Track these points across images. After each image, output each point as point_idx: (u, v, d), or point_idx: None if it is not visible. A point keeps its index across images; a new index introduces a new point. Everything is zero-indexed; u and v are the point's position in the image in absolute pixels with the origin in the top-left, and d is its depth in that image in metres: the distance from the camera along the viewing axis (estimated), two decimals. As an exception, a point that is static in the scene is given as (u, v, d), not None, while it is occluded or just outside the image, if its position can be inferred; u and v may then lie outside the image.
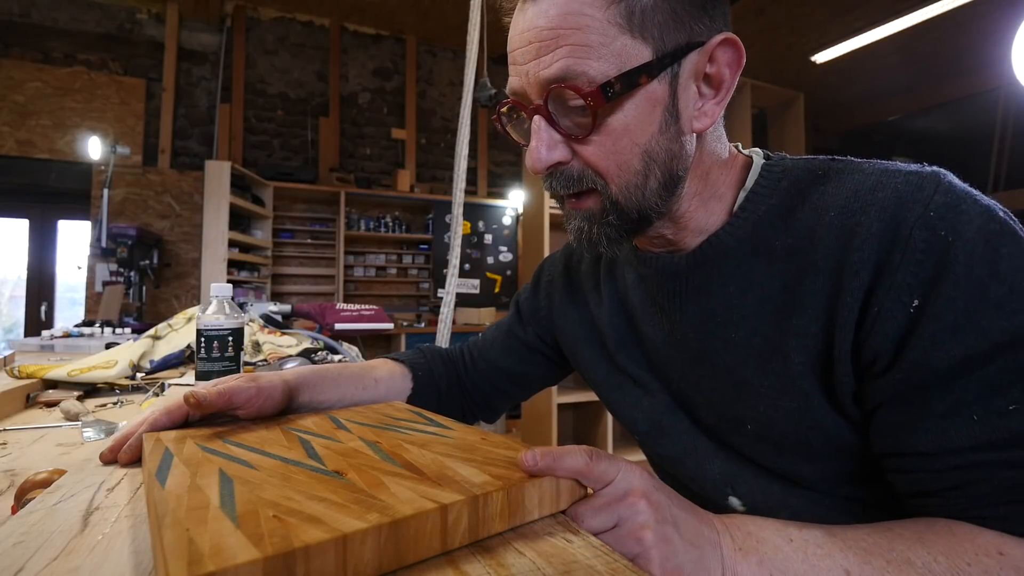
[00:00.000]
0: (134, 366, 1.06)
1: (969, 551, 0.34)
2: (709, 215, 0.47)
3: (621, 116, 0.41)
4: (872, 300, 0.37)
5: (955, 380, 0.35)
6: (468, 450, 0.41)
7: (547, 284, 0.70)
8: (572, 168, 0.44)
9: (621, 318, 0.58)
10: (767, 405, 0.44)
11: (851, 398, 0.41)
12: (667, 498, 0.37)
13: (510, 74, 0.45)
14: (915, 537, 0.35)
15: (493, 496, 0.32)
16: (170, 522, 0.27)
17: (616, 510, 0.35)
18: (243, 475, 0.34)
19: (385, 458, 0.38)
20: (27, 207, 3.85)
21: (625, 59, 0.40)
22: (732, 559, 0.36)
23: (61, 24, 3.83)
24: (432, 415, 0.54)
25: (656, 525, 0.34)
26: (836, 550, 0.35)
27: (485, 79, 2.68)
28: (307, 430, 0.47)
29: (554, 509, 0.35)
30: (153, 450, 0.41)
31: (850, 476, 0.44)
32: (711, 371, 0.48)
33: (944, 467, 0.36)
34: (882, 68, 5.02)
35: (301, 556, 0.24)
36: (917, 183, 0.38)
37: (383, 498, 0.30)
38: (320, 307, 1.77)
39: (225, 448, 0.41)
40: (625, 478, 0.36)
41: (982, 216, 0.36)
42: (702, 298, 0.48)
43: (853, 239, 0.39)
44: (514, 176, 5.27)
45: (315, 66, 4.57)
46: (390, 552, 0.27)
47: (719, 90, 0.44)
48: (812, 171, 0.45)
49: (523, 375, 0.73)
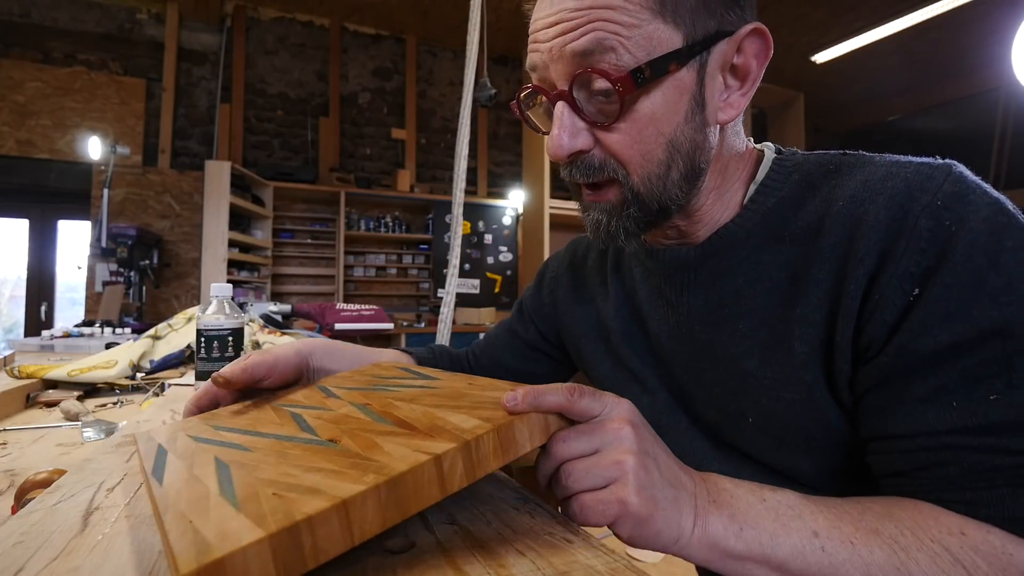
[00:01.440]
0: (134, 366, 1.06)
1: (933, 528, 0.34)
2: (723, 208, 0.47)
3: (648, 104, 0.40)
4: (874, 288, 0.37)
5: (939, 366, 0.35)
6: (456, 397, 0.41)
7: (551, 281, 0.70)
8: (594, 156, 0.43)
9: (627, 312, 0.58)
10: (769, 397, 0.44)
11: (848, 387, 0.41)
12: (651, 435, 0.37)
13: (530, 51, 0.43)
14: (883, 511, 0.36)
15: (484, 438, 0.32)
16: (172, 516, 0.27)
17: (599, 434, 0.35)
18: (239, 459, 0.34)
19: (377, 419, 0.38)
20: (27, 207, 3.85)
21: (656, 44, 0.39)
22: (705, 509, 0.36)
23: (61, 24, 3.83)
24: (419, 368, 0.54)
25: (638, 452, 0.34)
26: (807, 512, 0.36)
27: (485, 79, 2.69)
28: (297, 404, 0.47)
29: (544, 439, 0.36)
30: (147, 450, 0.40)
31: (848, 472, 0.44)
32: (715, 363, 0.48)
33: (916, 448, 0.36)
34: (882, 68, 5.02)
35: (305, 527, 0.24)
36: (928, 173, 0.37)
37: (378, 458, 0.30)
38: (320, 307, 1.77)
39: (217, 435, 0.41)
40: (612, 409, 0.36)
41: (990, 207, 0.35)
42: (711, 289, 0.48)
43: (860, 227, 0.38)
44: (514, 176, 5.27)
45: (315, 66, 4.57)
46: (392, 507, 0.28)
47: (745, 81, 0.43)
48: (823, 164, 0.45)
49: (526, 373, 0.74)
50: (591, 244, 0.67)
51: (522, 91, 0.46)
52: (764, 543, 0.35)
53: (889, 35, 4.29)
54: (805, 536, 0.35)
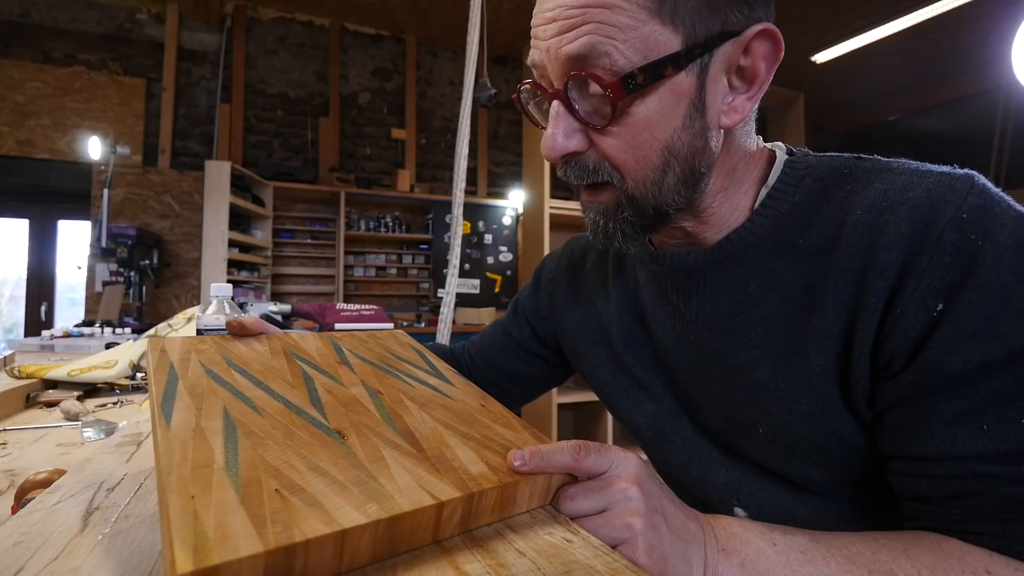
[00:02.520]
0: (134, 366, 1.06)
1: (955, 568, 0.33)
2: (733, 210, 0.46)
3: (643, 109, 0.39)
4: (895, 302, 0.36)
5: (968, 386, 0.34)
6: (468, 421, 0.41)
7: (548, 282, 0.69)
8: (588, 158, 0.42)
9: (630, 317, 0.57)
10: (781, 408, 0.43)
11: (865, 401, 0.40)
12: (658, 488, 0.37)
13: (532, 47, 0.43)
14: (901, 549, 0.35)
15: (488, 493, 0.32)
16: (176, 482, 0.27)
17: (607, 494, 0.35)
18: (247, 420, 0.34)
19: (386, 419, 0.39)
20: (27, 207, 3.85)
21: (652, 47, 0.37)
22: (714, 558, 0.36)
23: (61, 24, 3.83)
24: (433, 358, 0.54)
25: (646, 512, 0.34)
26: (819, 556, 0.35)
27: (485, 79, 2.68)
28: (311, 360, 0.47)
29: (543, 502, 0.36)
30: (159, 364, 0.40)
31: (860, 482, 0.43)
32: (723, 372, 0.47)
33: (945, 474, 0.35)
34: (882, 68, 5.02)
35: (302, 549, 0.25)
36: (950, 184, 0.36)
37: (383, 482, 0.31)
38: (320, 307, 1.77)
39: (230, 376, 0.40)
40: (618, 466, 0.36)
41: (1015, 221, 0.34)
42: (720, 297, 0.47)
43: (880, 238, 0.37)
44: (514, 176, 5.27)
45: (315, 66, 4.57)
46: (384, 544, 0.28)
47: (752, 84, 0.41)
48: (838, 169, 0.43)
49: (520, 375, 0.73)
50: (589, 244, 0.66)
51: (523, 84, 0.46)
52: None
53: (889, 35, 4.28)
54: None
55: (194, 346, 0.45)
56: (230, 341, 0.48)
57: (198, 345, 0.45)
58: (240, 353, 0.45)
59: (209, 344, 0.46)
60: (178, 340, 0.45)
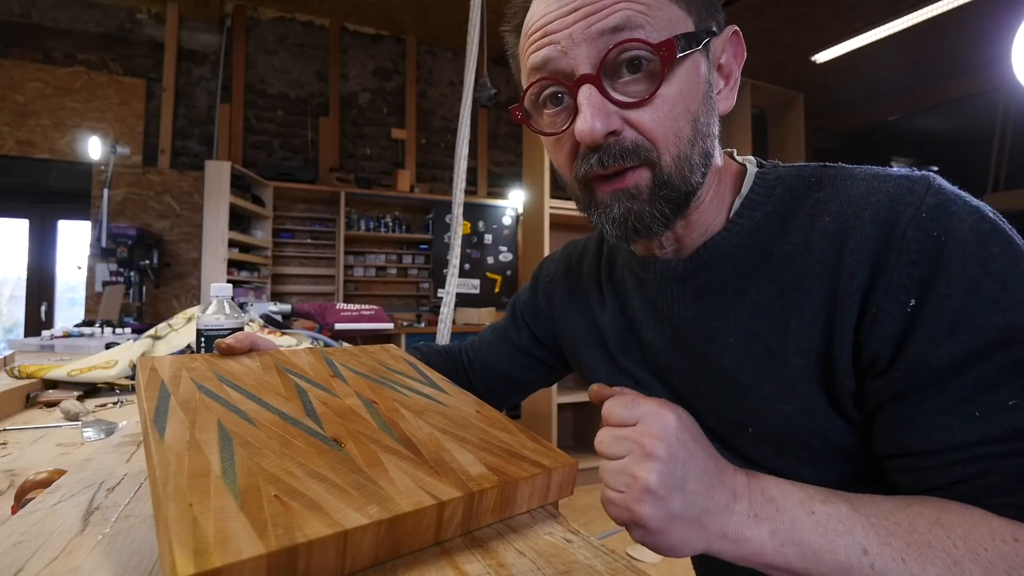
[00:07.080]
0: (134, 366, 1.06)
1: (986, 536, 0.34)
2: (714, 216, 0.48)
3: (675, 82, 0.41)
4: (870, 301, 0.38)
5: (954, 377, 0.35)
6: (464, 427, 0.41)
7: (546, 284, 0.70)
8: (625, 139, 0.41)
9: (622, 321, 0.58)
10: (766, 409, 0.44)
11: (852, 400, 0.41)
12: (692, 436, 0.38)
13: (536, 49, 0.43)
14: (934, 518, 0.35)
15: (488, 493, 0.32)
16: (173, 491, 0.27)
17: (642, 406, 0.38)
18: (242, 432, 0.34)
19: (382, 426, 0.38)
20: (27, 207, 3.85)
21: (675, 26, 0.40)
22: (740, 524, 0.36)
23: (61, 24, 3.83)
24: (426, 369, 0.54)
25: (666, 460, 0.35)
26: (858, 527, 0.35)
27: (485, 79, 2.68)
28: (303, 374, 0.47)
29: (542, 502, 0.36)
30: (149, 382, 0.40)
31: (851, 478, 0.44)
32: (710, 376, 0.48)
33: (948, 462, 0.36)
34: (882, 68, 5.02)
35: (304, 551, 0.24)
36: (908, 186, 0.39)
37: (382, 484, 0.30)
38: (320, 307, 1.77)
39: (222, 391, 0.40)
40: (657, 400, 0.40)
41: (973, 216, 0.36)
42: (700, 303, 0.48)
43: (848, 243, 0.39)
44: (514, 176, 5.27)
45: (315, 66, 4.57)
46: (387, 545, 0.28)
47: (728, 80, 0.46)
48: (805, 178, 0.46)
49: (516, 378, 0.74)
50: (585, 248, 0.67)
51: (528, 87, 0.45)
52: (807, 556, 0.35)
53: (889, 35, 4.28)
54: (854, 554, 0.34)
55: (184, 364, 0.45)
56: (221, 359, 0.48)
57: (188, 363, 0.45)
58: (232, 369, 0.46)
59: (199, 361, 0.46)
60: (167, 358, 0.45)
